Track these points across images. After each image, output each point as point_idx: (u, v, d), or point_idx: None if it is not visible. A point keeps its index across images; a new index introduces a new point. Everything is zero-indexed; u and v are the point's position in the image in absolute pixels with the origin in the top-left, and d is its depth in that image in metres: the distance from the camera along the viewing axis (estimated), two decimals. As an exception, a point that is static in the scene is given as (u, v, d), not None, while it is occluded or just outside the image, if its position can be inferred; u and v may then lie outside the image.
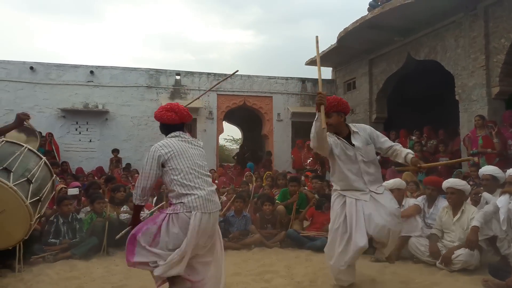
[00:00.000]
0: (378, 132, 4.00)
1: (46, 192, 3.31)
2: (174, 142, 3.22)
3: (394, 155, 3.84)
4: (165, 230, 3.07)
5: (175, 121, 3.33)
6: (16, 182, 2.95)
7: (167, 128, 3.36)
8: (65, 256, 5.13)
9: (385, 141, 3.91)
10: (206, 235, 3.16)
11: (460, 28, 9.24)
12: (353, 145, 3.73)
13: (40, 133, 5.97)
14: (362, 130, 3.87)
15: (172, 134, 3.31)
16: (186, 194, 3.09)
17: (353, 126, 3.87)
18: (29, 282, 4.20)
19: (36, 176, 3.17)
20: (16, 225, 3.01)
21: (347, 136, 3.80)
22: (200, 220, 3.06)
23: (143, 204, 3.25)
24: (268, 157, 13.54)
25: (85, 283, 4.19)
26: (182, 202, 3.08)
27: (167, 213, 3.11)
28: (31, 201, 3.00)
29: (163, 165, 3.15)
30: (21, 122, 3.77)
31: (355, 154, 3.71)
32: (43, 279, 4.30)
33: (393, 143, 3.95)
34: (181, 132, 3.33)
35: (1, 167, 2.97)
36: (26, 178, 3.07)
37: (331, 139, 3.73)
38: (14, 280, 4.21)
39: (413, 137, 10.33)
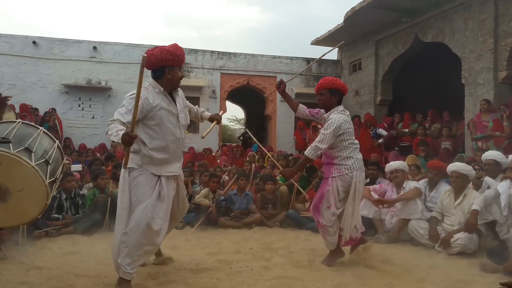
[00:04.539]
0: None
1: (59, 174, 3.36)
2: (348, 119, 3.83)
3: (200, 116, 3.89)
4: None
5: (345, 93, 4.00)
6: (37, 162, 3.00)
7: (341, 99, 3.94)
8: (67, 231, 5.19)
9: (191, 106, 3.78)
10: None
11: (470, 10, 9.06)
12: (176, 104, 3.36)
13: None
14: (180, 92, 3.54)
15: (341, 108, 3.87)
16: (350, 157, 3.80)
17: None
18: (32, 255, 4.26)
19: (52, 157, 3.22)
20: (32, 204, 3.06)
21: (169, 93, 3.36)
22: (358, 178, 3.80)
23: (312, 158, 3.82)
24: None
25: (87, 257, 4.24)
26: (346, 165, 3.78)
27: (332, 177, 3.80)
28: (48, 181, 3.05)
29: (338, 136, 3.73)
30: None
31: (178, 115, 3.34)
32: (46, 253, 4.36)
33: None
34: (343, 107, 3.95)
35: (23, 147, 3.01)
36: (44, 159, 3.12)
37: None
38: (18, 253, 4.26)
39: (414, 123, 10.27)
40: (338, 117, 3.75)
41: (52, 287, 3.32)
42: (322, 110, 4.08)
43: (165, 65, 3.22)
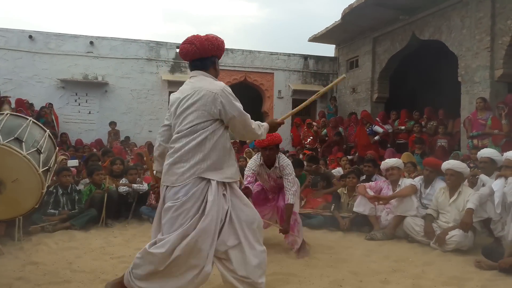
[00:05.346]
0: None
1: (52, 163, 3.35)
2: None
3: None
4: None
5: None
6: (28, 152, 2.99)
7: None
8: (64, 226, 5.18)
9: None
10: None
11: (467, 8, 9.07)
12: None
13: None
14: None
15: (280, 153, 4.41)
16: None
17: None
18: (28, 251, 4.26)
19: (44, 147, 3.21)
20: (27, 194, 3.05)
21: None
22: None
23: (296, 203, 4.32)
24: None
25: (83, 253, 4.25)
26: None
27: None
28: (42, 170, 3.04)
29: None
30: None
31: None
32: (42, 248, 4.36)
33: None
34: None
35: (13, 137, 3.00)
36: (36, 148, 3.11)
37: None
38: (14, 249, 4.26)
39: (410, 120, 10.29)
40: (288, 161, 4.40)
41: (48, 283, 3.32)
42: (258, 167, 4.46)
43: (217, 54, 2.72)
